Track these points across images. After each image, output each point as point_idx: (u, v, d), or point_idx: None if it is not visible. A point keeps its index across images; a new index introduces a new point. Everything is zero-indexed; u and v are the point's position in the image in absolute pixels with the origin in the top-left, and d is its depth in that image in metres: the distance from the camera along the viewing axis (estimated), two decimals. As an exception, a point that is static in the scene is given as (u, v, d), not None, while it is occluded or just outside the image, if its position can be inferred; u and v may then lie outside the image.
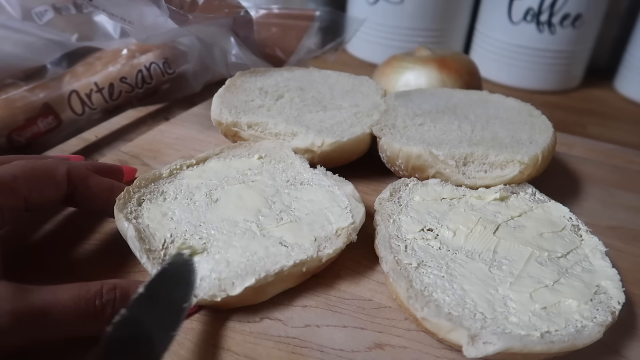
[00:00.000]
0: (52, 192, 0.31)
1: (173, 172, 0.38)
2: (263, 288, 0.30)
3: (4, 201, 0.28)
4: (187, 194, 0.36)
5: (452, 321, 0.27)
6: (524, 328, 0.27)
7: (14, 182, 0.28)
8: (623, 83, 0.84)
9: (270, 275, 0.29)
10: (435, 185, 0.39)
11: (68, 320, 0.25)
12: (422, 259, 0.32)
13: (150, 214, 0.34)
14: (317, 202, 0.36)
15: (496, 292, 0.29)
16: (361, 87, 0.52)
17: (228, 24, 0.52)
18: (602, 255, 0.33)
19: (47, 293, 0.25)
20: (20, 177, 0.29)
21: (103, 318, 0.26)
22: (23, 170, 0.29)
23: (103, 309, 0.26)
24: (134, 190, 0.35)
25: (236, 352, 0.28)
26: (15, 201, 0.29)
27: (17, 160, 0.31)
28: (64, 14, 0.57)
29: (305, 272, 0.31)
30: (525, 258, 0.32)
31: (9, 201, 0.28)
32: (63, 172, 0.32)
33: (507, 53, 0.81)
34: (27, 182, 0.29)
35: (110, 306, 0.27)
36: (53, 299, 0.25)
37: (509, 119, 0.45)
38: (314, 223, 0.34)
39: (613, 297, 0.30)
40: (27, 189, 0.29)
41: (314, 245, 0.32)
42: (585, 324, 0.28)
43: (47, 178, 0.31)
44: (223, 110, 0.44)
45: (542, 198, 0.39)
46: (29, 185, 0.29)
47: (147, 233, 0.32)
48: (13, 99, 0.49)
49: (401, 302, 0.30)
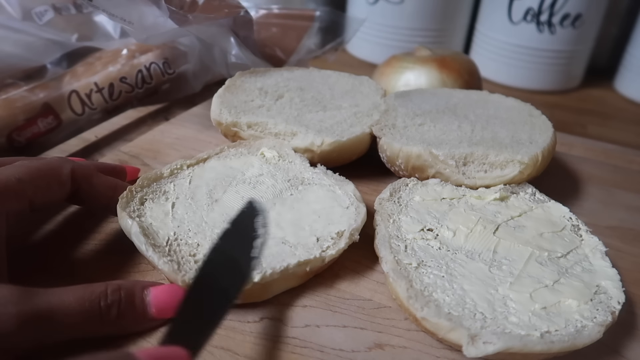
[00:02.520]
0: (56, 192, 0.31)
1: (174, 171, 0.39)
2: (268, 285, 0.30)
3: (10, 205, 0.28)
4: (189, 194, 0.36)
5: (452, 321, 0.27)
6: (524, 328, 0.27)
7: (20, 185, 0.28)
8: (623, 83, 0.84)
9: (276, 272, 0.29)
10: (435, 185, 0.39)
11: (73, 322, 0.25)
12: (422, 259, 0.32)
13: (153, 212, 0.34)
14: (318, 201, 0.36)
15: (496, 292, 0.29)
16: (361, 87, 0.52)
17: (228, 24, 0.52)
18: (602, 255, 0.33)
19: (51, 295, 0.25)
20: (26, 180, 0.29)
21: (108, 319, 0.26)
22: (28, 172, 0.29)
23: (108, 310, 0.26)
24: (137, 190, 0.35)
25: (236, 352, 0.28)
26: (21, 204, 0.29)
27: (20, 162, 0.31)
28: (64, 14, 0.57)
29: (308, 271, 0.31)
30: (525, 258, 0.32)
31: (14, 205, 0.28)
32: (67, 171, 0.32)
33: (507, 53, 0.81)
34: (32, 183, 0.29)
35: (116, 307, 0.27)
36: (58, 301, 0.25)
37: (509, 119, 0.45)
38: (316, 223, 0.34)
39: (613, 297, 0.30)
40: (32, 191, 0.29)
41: (316, 245, 0.32)
42: (585, 324, 0.28)
43: (52, 178, 0.31)
44: (223, 110, 0.44)
45: (542, 198, 0.39)
46: (34, 186, 0.29)
47: (150, 231, 0.32)
48: (13, 99, 0.49)
49: (401, 302, 0.30)
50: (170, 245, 0.31)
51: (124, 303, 0.27)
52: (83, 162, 0.36)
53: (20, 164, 0.30)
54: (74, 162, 0.33)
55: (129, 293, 0.27)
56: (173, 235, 0.32)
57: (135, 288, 0.28)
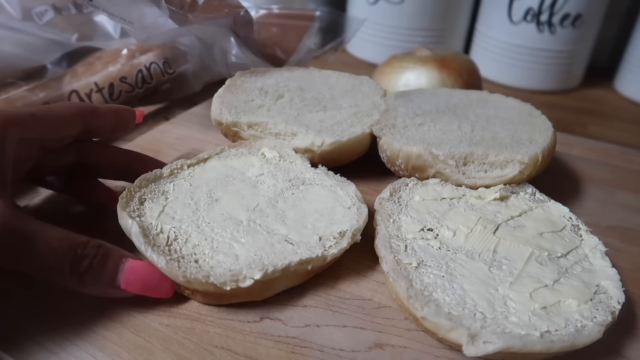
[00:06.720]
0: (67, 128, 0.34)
1: (174, 171, 0.39)
2: (269, 283, 0.30)
3: (22, 132, 0.31)
4: (188, 194, 0.36)
5: (452, 320, 0.27)
6: (524, 328, 0.27)
7: (32, 118, 0.31)
8: (623, 83, 0.84)
9: (277, 270, 0.29)
10: (435, 185, 0.39)
11: (47, 257, 0.26)
12: (422, 259, 0.32)
13: (153, 212, 0.34)
14: (320, 201, 0.36)
15: (496, 292, 0.29)
16: (361, 87, 0.52)
17: (228, 24, 0.52)
18: (602, 255, 0.33)
19: (37, 225, 0.27)
20: (38, 115, 0.32)
21: (76, 269, 0.27)
22: (40, 109, 0.33)
23: (80, 260, 0.27)
24: (135, 190, 0.35)
25: (236, 352, 0.28)
26: (33, 133, 0.32)
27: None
28: (64, 14, 0.57)
29: (310, 270, 0.31)
30: (525, 258, 0.32)
31: (27, 132, 0.31)
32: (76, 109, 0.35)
33: (507, 53, 0.81)
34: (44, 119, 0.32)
35: (88, 260, 0.27)
36: (41, 232, 0.27)
37: (509, 119, 0.45)
38: (318, 222, 0.34)
39: (613, 297, 0.30)
40: (44, 126, 0.32)
41: (319, 245, 0.32)
42: (585, 323, 0.28)
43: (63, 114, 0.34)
44: (223, 110, 0.44)
45: (542, 198, 0.39)
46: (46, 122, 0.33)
47: (150, 230, 0.32)
48: (13, 99, 0.49)
49: (401, 301, 0.30)
50: (170, 245, 0.31)
51: (97, 259, 0.28)
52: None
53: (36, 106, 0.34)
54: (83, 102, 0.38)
55: (105, 253, 0.28)
56: (173, 235, 0.32)
57: (115, 252, 0.29)
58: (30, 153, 0.33)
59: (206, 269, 0.30)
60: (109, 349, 0.28)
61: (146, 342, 0.28)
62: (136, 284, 0.29)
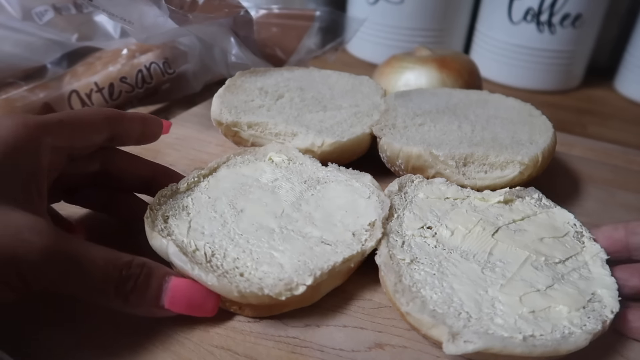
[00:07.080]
0: (94, 135, 0.33)
1: (190, 186, 0.37)
2: (317, 287, 0.30)
3: (53, 139, 0.29)
4: (210, 206, 0.35)
5: (435, 318, 0.27)
6: (508, 330, 0.27)
7: (60, 125, 0.30)
8: (623, 83, 0.84)
9: (325, 273, 0.29)
10: (441, 184, 0.39)
11: (92, 278, 0.25)
12: (416, 256, 0.32)
13: (181, 230, 0.32)
14: (340, 197, 0.37)
15: (485, 293, 0.29)
16: (361, 87, 0.52)
17: (228, 24, 0.52)
18: (602, 263, 0.33)
19: (82, 245, 0.26)
20: (66, 122, 0.31)
21: (122, 290, 0.26)
22: (68, 115, 0.31)
23: (125, 281, 0.26)
24: (157, 208, 0.34)
25: (236, 352, 0.28)
26: (62, 141, 0.30)
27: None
28: (64, 14, 0.57)
29: (352, 267, 0.32)
30: (521, 261, 0.32)
31: (56, 140, 0.30)
32: (103, 115, 0.34)
33: (507, 53, 0.81)
34: (72, 125, 0.31)
35: (133, 280, 0.27)
36: (85, 252, 0.26)
37: (509, 119, 0.45)
38: (345, 218, 0.34)
39: (607, 306, 0.29)
40: (71, 133, 0.31)
41: (355, 240, 0.32)
42: (573, 330, 0.27)
43: (90, 120, 0.33)
44: (223, 110, 0.44)
45: (548, 204, 0.38)
46: (73, 128, 0.31)
47: (186, 249, 0.31)
48: (13, 99, 0.49)
49: (389, 296, 0.30)
50: (209, 261, 0.30)
51: (141, 279, 0.27)
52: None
53: (64, 111, 0.33)
54: (109, 108, 0.36)
55: (149, 272, 0.27)
56: (210, 250, 0.31)
57: (158, 270, 0.28)
58: (59, 162, 0.31)
59: (255, 281, 0.29)
60: (109, 348, 0.28)
61: (146, 342, 0.28)
62: (181, 304, 0.28)
